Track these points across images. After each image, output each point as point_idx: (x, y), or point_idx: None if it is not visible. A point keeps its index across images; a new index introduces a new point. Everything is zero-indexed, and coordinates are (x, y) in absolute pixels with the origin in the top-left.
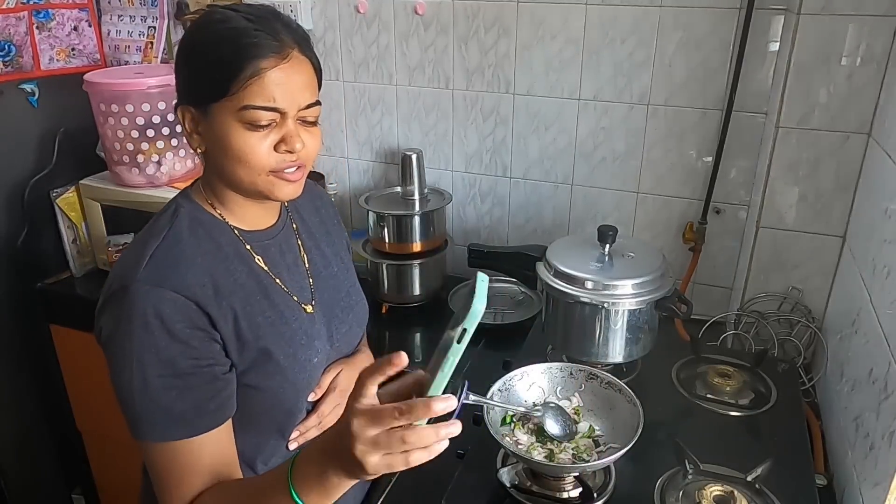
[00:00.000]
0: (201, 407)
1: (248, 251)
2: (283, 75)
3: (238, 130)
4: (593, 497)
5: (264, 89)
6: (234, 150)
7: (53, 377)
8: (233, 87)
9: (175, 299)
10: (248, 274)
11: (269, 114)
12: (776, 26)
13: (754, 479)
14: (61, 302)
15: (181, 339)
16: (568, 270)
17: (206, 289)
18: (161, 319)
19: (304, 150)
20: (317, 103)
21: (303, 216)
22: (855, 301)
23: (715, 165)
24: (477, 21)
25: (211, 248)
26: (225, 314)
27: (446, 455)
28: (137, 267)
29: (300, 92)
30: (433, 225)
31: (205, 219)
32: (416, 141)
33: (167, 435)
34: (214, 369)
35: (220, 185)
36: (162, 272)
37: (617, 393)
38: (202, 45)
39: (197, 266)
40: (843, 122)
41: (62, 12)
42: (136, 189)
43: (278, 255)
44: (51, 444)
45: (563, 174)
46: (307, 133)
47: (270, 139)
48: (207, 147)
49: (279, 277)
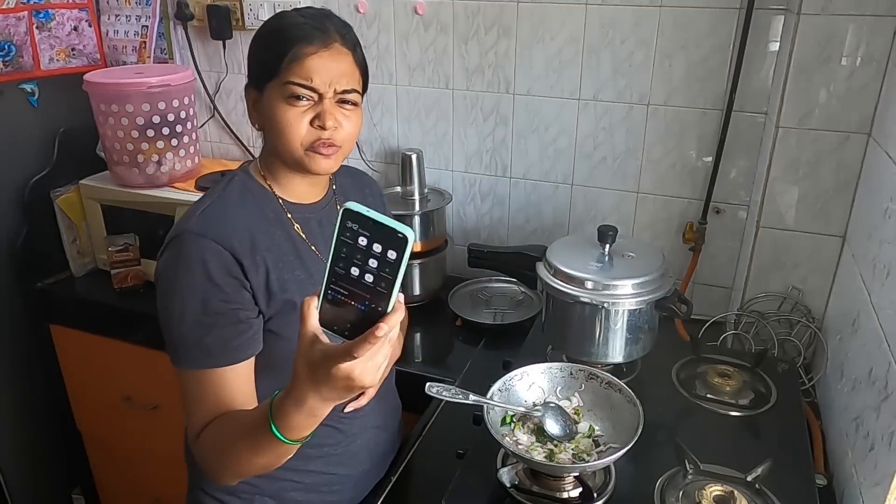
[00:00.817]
0: (226, 343)
1: (289, 219)
2: (322, 61)
3: (281, 105)
4: (593, 497)
5: (304, 69)
6: (277, 122)
7: (53, 377)
8: (280, 68)
9: (216, 249)
10: (284, 237)
11: (306, 91)
12: (776, 26)
13: (754, 479)
14: (61, 302)
15: (216, 282)
16: (568, 270)
17: (243, 243)
18: (202, 264)
19: (337, 131)
20: (354, 90)
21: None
22: (855, 301)
23: (715, 165)
24: (477, 21)
25: (255, 210)
26: (258, 266)
27: (446, 455)
28: (190, 219)
29: (338, 77)
30: (433, 225)
31: (254, 187)
32: (416, 141)
33: (195, 363)
34: (240, 313)
35: (273, 159)
36: (208, 225)
37: (617, 393)
38: (263, 36)
39: (239, 223)
40: (843, 122)
41: (62, 12)
42: (136, 189)
43: (317, 227)
44: (51, 444)
45: (563, 174)
46: (343, 115)
47: (308, 115)
48: (262, 123)
49: (315, 245)
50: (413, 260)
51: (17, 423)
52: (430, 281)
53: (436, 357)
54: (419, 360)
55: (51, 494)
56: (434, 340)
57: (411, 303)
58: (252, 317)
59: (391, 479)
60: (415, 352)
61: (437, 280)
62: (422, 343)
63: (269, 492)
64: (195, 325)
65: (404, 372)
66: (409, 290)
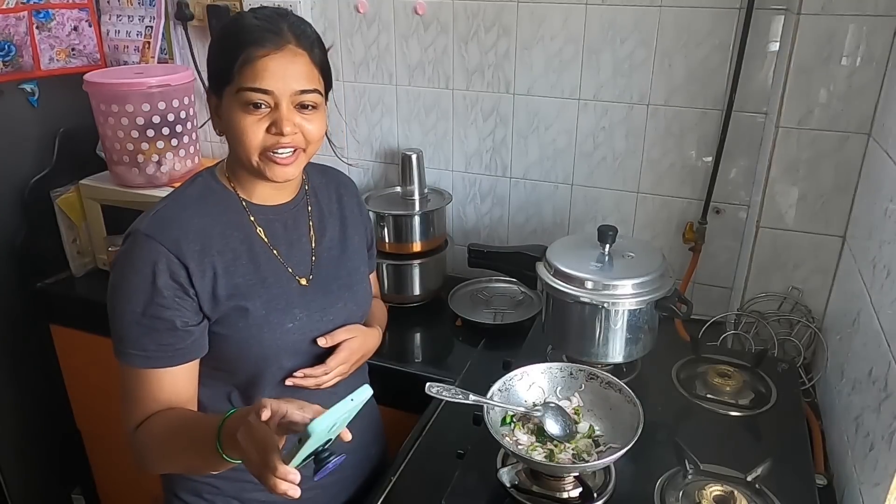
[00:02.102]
0: (164, 348)
1: (251, 221)
2: (275, 63)
3: (238, 113)
4: (593, 497)
5: (256, 73)
6: (234, 129)
7: (53, 377)
8: (233, 73)
9: (162, 252)
10: (241, 240)
11: (260, 95)
12: (776, 26)
13: (754, 479)
14: (61, 302)
15: (158, 287)
16: (568, 270)
17: (192, 245)
18: (147, 266)
19: (298, 136)
20: (313, 91)
21: (320, 200)
22: (855, 301)
23: (715, 165)
24: (477, 21)
25: (214, 212)
26: (204, 270)
27: (446, 455)
28: (144, 219)
29: (294, 79)
30: (433, 225)
31: (217, 188)
32: (416, 141)
33: (133, 361)
34: (176, 321)
35: (236, 165)
36: (159, 227)
37: (617, 393)
38: (218, 40)
39: (192, 226)
40: (843, 122)
41: (62, 12)
42: (136, 189)
43: (281, 230)
44: (51, 444)
45: (563, 174)
46: (303, 119)
47: (264, 122)
48: (224, 130)
49: (276, 249)
50: (413, 260)
51: (17, 422)
52: (430, 281)
53: (436, 357)
54: (419, 360)
55: (51, 494)
56: (434, 340)
57: (411, 303)
58: (191, 324)
59: (391, 478)
60: (415, 352)
61: (437, 280)
62: (422, 343)
63: (231, 491)
64: (134, 325)
65: (404, 372)
66: (410, 290)
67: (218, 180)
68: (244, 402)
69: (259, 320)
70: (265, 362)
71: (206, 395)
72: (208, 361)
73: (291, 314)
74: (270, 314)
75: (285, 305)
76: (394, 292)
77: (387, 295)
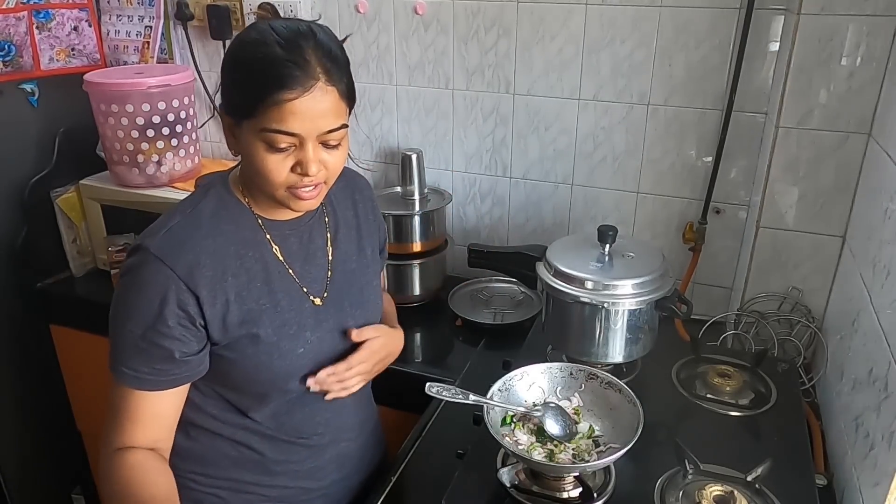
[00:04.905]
0: (155, 371)
1: (267, 239)
2: (304, 106)
3: (259, 149)
4: (593, 497)
5: (283, 117)
6: (256, 165)
7: (53, 377)
8: (257, 111)
9: (170, 276)
10: (257, 259)
11: (287, 138)
12: (776, 26)
13: (754, 479)
14: (61, 302)
15: (162, 313)
16: (568, 270)
17: (205, 270)
18: (153, 289)
19: (321, 172)
20: (341, 127)
21: (336, 210)
22: (855, 301)
23: (715, 165)
24: (477, 21)
25: (228, 230)
26: (216, 297)
27: (446, 455)
28: (156, 235)
29: (321, 119)
30: (433, 225)
31: (231, 203)
32: (416, 141)
33: (121, 378)
34: (175, 352)
35: (253, 185)
36: (171, 249)
37: (617, 393)
38: (238, 65)
39: (205, 248)
40: (843, 122)
41: (62, 12)
42: (136, 189)
43: (297, 246)
44: (51, 444)
45: (563, 174)
46: (328, 154)
47: (289, 161)
48: (241, 154)
49: (292, 268)
50: (413, 260)
51: (17, 422)
52: (430, 281)
53: (436, 357)
54: (419, 360)
55: (51, 494)
56: (434, 340)
57: (411, 303)
58: (190, 354)
59: (391, 478)
60: (415, 352)
61: (437, 280)
62: (422, 343)
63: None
64: (130, 344)
65: (404, 372)
66: (410, 290)
67: (232, 193)
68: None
69: (269, 348)
70: (272, 386)
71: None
72: (214, 379)
73: (303, 338)
74: (282, 340)
75: (297, 330)
76: (394, 292)
77: None
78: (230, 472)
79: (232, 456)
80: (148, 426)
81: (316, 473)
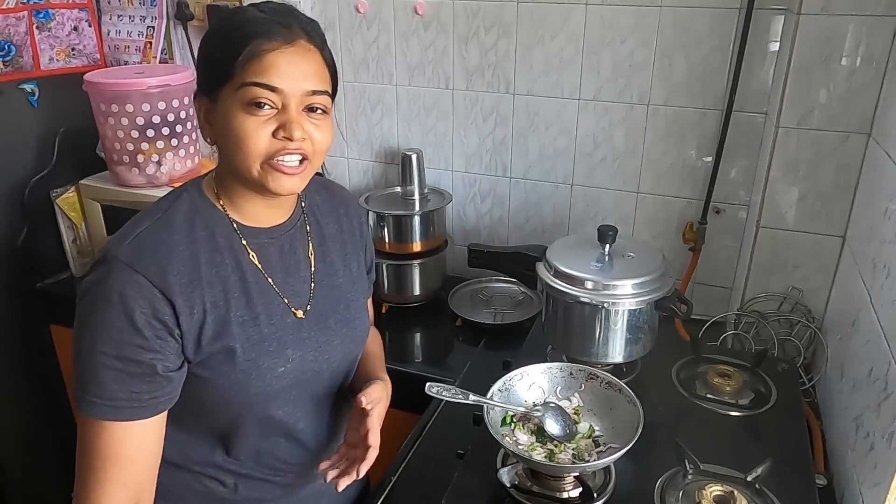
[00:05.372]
0: (135, 395)
1: (243, 246)
2: (286, 59)
3: (238, 114)
4: (593, 497)
5: (264, 69)
6: (233, 133)
7: (53, 377)
8: (235, 69)
9: (143, 284)
10: (233, 268)
11: (267, 93)
12: (776, 26)
13: (754, 479)
14: (61, 302)
15: (136, 325)
16: (568, 270)
17: (179, 277)
18: (123, 300)
19: (307, 142)
20: (324, 92)
21: (319, 220)
22: (855, 301)
23: (715, 165)
24: (477, 21)
25: (202, 236)
26: (192, 306)
27: (446, 455)
28: (123, 242)
29: (304, 78)
30: (433, 225)
31: (204, 207)
32: (416, 141)
33: (93, 411)
34: (157, 366)
35: (229, 178)
36: (141, 255)
37: (617, 393)
38: (214, 34)
39: (177, 254)
40: (843, 122)
41: (62, 12)
42: (136, 189)
43: (277, 256)
44: (51, 444)
45: (563, 174)
46: (313, 124)
47: (270, 125)
48: (216, 137)
49: (272, 277)
50: (413, 260)
51: (18, 422)
52: (430, 281)
53: (436, 357)
54: (419, 360)
55: (51, 494)
56: (434, 340)
57: (411, 303)
58: (172, 369)
59: (391, 479)
60: (415, 352)
61: (437, 280)
62: (422, 343)
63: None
64: (102, 368)
65: (404, 372)
66: (410, 290)
67: (205, 198)
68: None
69: (246, 365)
70: (249, 411)
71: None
72: (184, 404)
73: (284, 356)
74: (260, 357)
75: (277, 346)
76: (394, 292)
77: (387, 295)
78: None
79: (200, 492)
80: (130, 467)
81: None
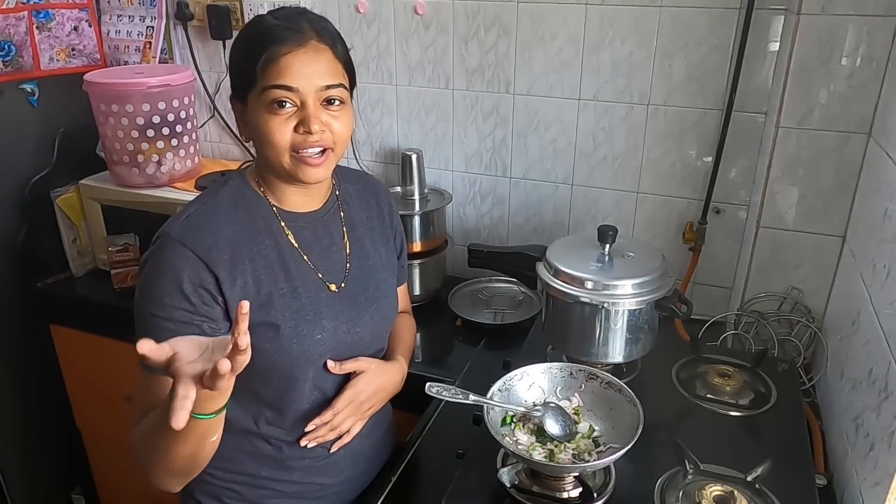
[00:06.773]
0: None
1: (282, 228)
2: (299, 59)
3: (264, 114)
4: (593, 497)
5: (280, 72)
6: (261, 132)
7: (53, 377)
8: (257, 75)
9: (190, 257)
10: (273, 247)
11: (285, 93)
12: (776, 26)
13: (754, 479)
14: (61, 302)
15: (185, 293)
16: (568, 270)
17: (222, 252)
18: (175, 272)
19: (326, 134)
20: (339, 85)
21: (351, 208)
22: (855, 301)
23: (715, 165)
24: (477, 21)
25: (245, 218)
26: (234, 278)
27: (446, 455)
28: (175, 222)
29: (318, 75)
30: (433, 225)
31: (248, 193)
32: (416, 141)
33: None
34: (204, 326)
35: (265, 170)
36: (189, 232)
37: (617, 393)
38: (238, 44)
39: (223, 232)
40: (843, 122)
41: (62, 12)
42: (136, 189)
43: (312, 237)
44: (51, 444)
45: (563, 174)
46: (330, 116)
47: (292, 121)
48: (251, 135)
49: (307, 255)
50: (413, 260)
51: (17, 422)
52: (430, 281)
53: (436, 357)
54: (419, 360)
55: (51, 494)
56: (434, 340)
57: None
58: (219, 331)
59: (391, 478)
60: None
61: (437, 280)
62: (422, 343)
63: (252, 497)
64: (155, 328)
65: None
66: (410, 291)
67: (249, 185)
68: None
69: (288, 332)
70: (293, 375)
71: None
72: None
73: (320, 325)
74: (300, 325)
75: (314, 316)
76: None
77: None
78: (247, 466)
79: (249, 451)
80: None
81: (330, 470)
